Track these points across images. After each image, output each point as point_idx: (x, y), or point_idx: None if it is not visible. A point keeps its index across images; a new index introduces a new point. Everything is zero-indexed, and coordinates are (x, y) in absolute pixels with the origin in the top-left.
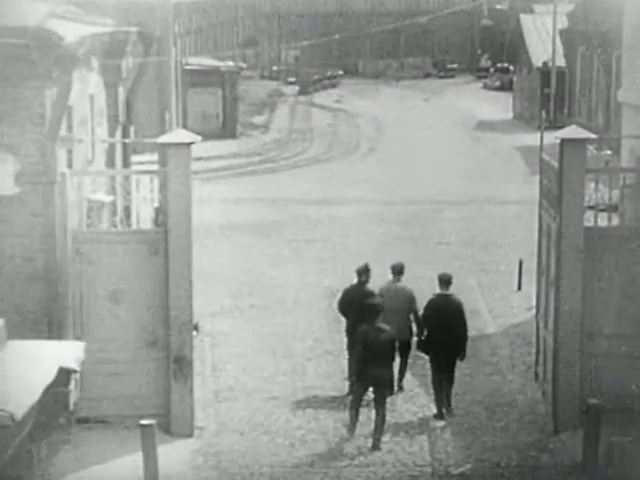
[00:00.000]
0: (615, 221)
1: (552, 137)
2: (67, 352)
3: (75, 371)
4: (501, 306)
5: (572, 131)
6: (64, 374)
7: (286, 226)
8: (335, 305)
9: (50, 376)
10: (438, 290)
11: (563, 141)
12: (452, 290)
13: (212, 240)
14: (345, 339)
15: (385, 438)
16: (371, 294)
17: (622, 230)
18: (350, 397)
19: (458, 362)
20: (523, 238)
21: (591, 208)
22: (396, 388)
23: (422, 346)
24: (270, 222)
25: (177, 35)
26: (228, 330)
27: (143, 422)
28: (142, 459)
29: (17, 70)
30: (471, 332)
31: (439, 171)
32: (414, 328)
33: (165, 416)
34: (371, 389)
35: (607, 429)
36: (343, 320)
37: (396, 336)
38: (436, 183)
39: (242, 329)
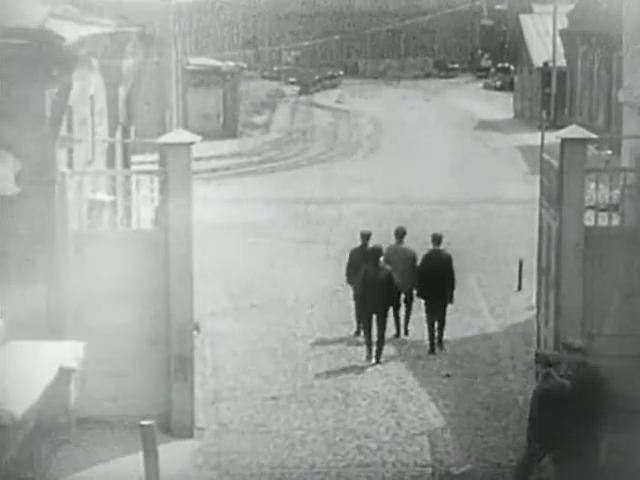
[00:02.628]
0: (615, 221)
1: (553, 137)
2: (67, 352)
3: (75, 371)
4: (501, 306)
5: (573, 131)
6: (64, 374)
7: (286, 226)
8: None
9: (50, 376)
10: (431, 246)
11: (564, 141)
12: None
13: (212, 240)
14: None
15: (386, 438)
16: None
17: (622, 230)
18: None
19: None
20: (523, 238)
21: (591, 208)
22: (403, 332)
23: (419, 293)
24: (270, 222)
25: (177, 35)
26: (228, 330)
27: (143, 422)
28: (142, 459)
29: (17, 70)
30: (472, 332)
31: (440, 171)
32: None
33: (165, 416)
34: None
35: (607, 429)
36: (343, 320)
37: (394, 275)
38: (436, 183)
39: (242, 329)
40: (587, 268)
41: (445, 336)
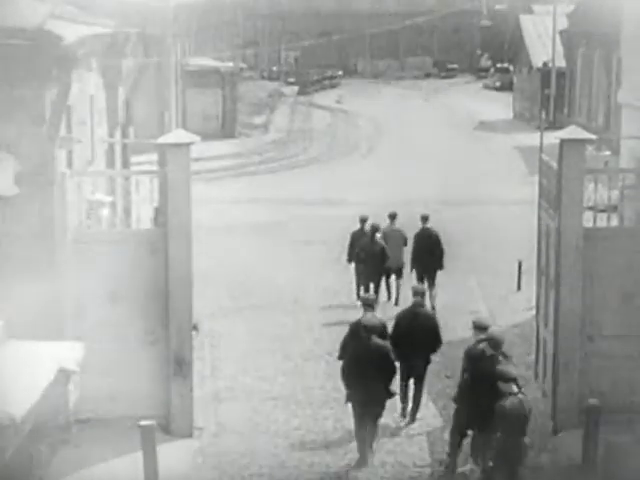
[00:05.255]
0: (614, 222)
1: (552, 137)
2: (66, 352)
3: (74, 371)
4: (501, 306)
5: (572, 131)
6: (63, 374)
7: (285, 226)
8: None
9: (49, 376)
10: (421, 225)
11: (563, 141)
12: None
13: (212, 240)
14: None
15: (384, 439)
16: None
17: (621, 231)
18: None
19: None
20: (523, 238)
21: (590, 209)
22: (394, 302)
23: (412, 264)
24: (269, 222)
25: (177, 36)
26: (227, 330)
27: (143, 422)
28: (142, 459)
29: (16, 70)
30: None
31: (439, 171)
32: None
33: (165, 416)
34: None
35: (606, 429)
36: (343, 320)
37: (387, 249)
38: (436, 183)
39: (241, 329)
40: (586, 269)
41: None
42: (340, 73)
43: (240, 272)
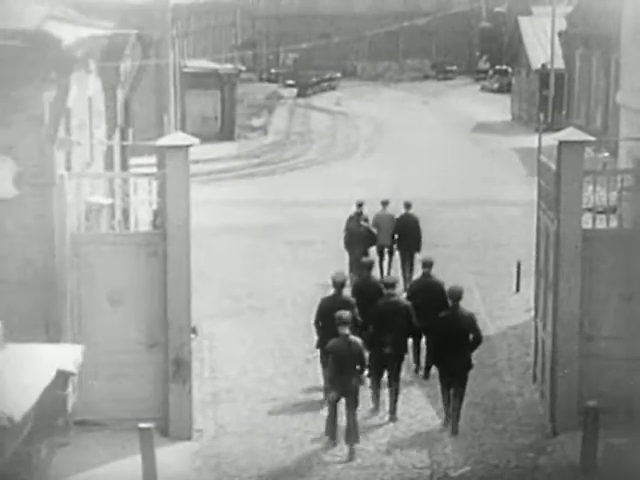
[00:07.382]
0: (613, 223)
1: (550, 139)
2: (65, 355)
3: (73, 374)
4: (499, 308)
5: (570, 133)
6: (62, 377)
7: (284, 228)
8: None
9: (48, 379)
10: (403, 211)
11: (561, 143)
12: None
13: (210, 242)
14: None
15: (383, 440)
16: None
17: (620, 232)
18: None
19: None
20: (521, 240)
21: (589, 210)
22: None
23: (395, 246)
24: (268, 224)
25: (175, 37)
26: (226, 332)
27: (141, 425)
28: (141, 462)
29: (15, 72)
30: None
31: (437, 173)
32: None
33: (164, 419)
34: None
35: (605, 431)
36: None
37: (373, 230)
38: (434, 185)
39: (240, 331)
40: (585, 270)
41: None
42: (339, 75)
43: (239, 274)
